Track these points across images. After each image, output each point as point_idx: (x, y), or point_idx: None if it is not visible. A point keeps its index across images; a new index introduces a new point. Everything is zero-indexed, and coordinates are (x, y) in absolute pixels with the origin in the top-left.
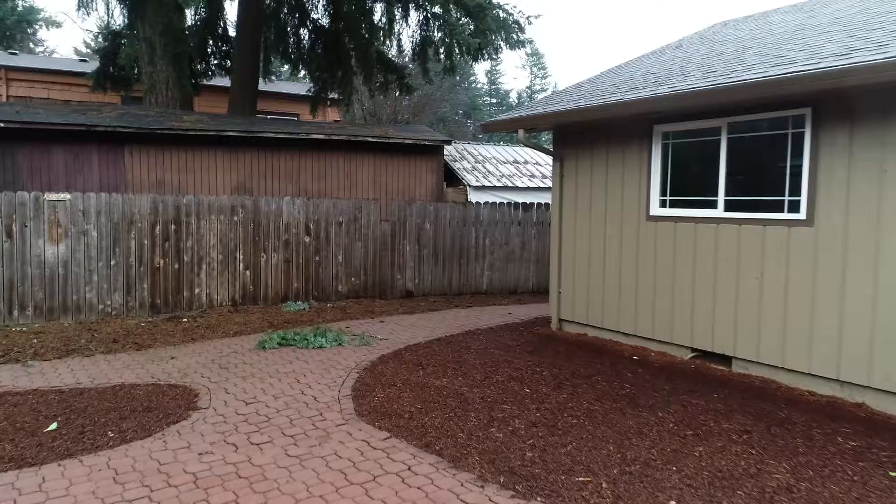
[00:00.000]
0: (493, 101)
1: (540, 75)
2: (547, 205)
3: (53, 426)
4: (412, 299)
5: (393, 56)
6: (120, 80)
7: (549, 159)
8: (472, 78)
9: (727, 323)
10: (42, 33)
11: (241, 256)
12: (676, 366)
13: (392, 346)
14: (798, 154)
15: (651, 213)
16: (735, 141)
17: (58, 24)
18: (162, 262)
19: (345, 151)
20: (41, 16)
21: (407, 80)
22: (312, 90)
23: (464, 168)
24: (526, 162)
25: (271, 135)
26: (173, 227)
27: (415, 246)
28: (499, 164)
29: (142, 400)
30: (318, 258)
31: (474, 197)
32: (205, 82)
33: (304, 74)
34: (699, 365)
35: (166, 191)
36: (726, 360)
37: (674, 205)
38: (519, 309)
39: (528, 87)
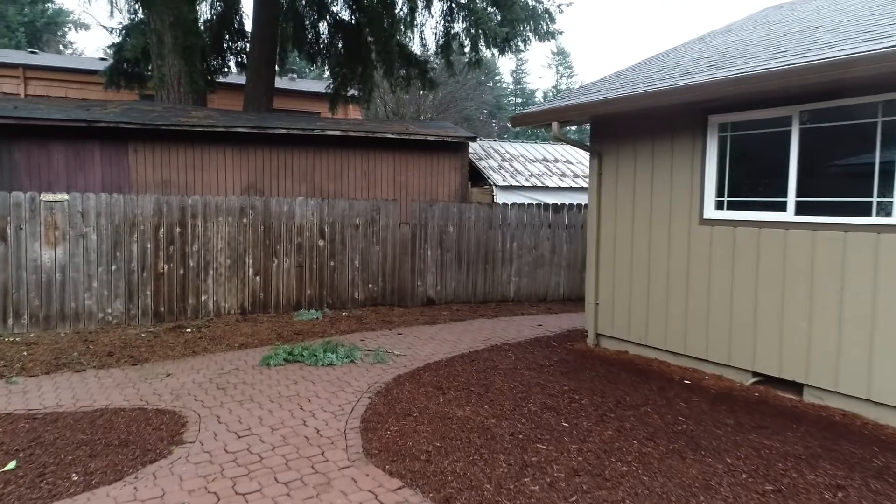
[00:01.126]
0: (519, 100)
1: (566, 74)
2: (579, 206)
3: (11, 465)
4: (433, 308)
5: (415, 51)
6: (134, 77)
7: (583, 157)
8: (497, 77)
9: (798, 345)
10: (71, 35)
11: (251, 261)
12: (736, 393)
13: (410, 364)
14: (891, 147)
15: (705, 216)
16: (809, 132)
17: (86, 27)
18: (166, 267)
19: (362, 149)
20: (70, 18)
21: (430, 74)
22: (331, 87)
23: (489, 166)
24: (556, 160)
25: (283, 131)
26: (178, 229)
27: (437, 250)
28: (527, 163)
29: (121, 430)
30: (332, 263)
31: (501, 197)
32: (221, 80)
33: (325, 72)
34: (763, 393)
35: (172, 191)
36: (796, 387)
37: (733, 207)
38: (549, 319)
39: (553, 87)
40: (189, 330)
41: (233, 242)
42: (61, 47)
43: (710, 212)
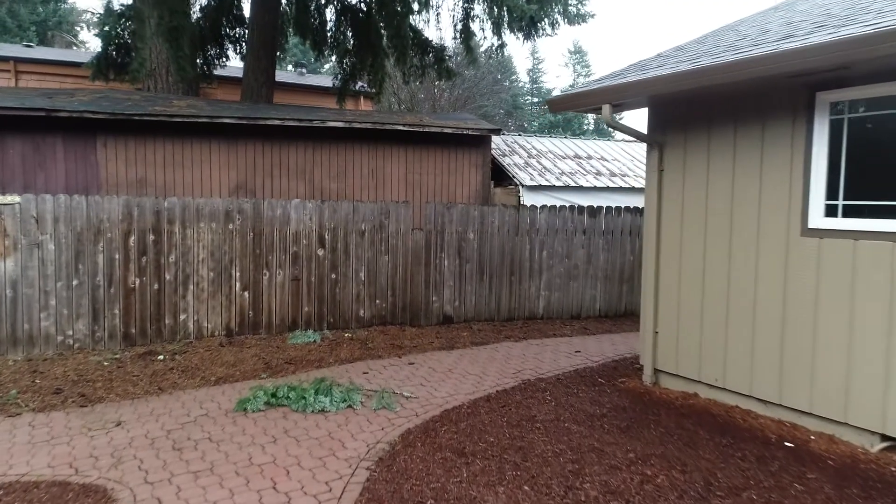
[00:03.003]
0: (535, 99)
1: (583, 73)
2: (618, 209)
3: None
4: (451, 327)
5: (431, 38)
6: (123, 67)
7: (619, 153)
8: (513, 77)
9: None
10: (84, 35)
11: (238, 274)
12: (864, 465)
13: (423, 412)
14: None
15: (810, 225)
16: None
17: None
18: (137, 281)
19: (369, 143)
20: (83, 17)
21: (447, 62)
22: (339, 78)
23: (515, 164)
24: (588, 157)
25: (278, 122)
26: (152, 237)
27: (455, 260)
28: (557, 160)
29: None
30: (334, 276)
31: (528, 199)
32: (224, 74)
33: (335, 64)
34: None
35: (149, 191)
36: None
37: (851, 213)
38: (588, 343)
39: (570, 86)
40: (161, 357)
41: (217, 252)
42: (74, 46)
43: (818, 219)
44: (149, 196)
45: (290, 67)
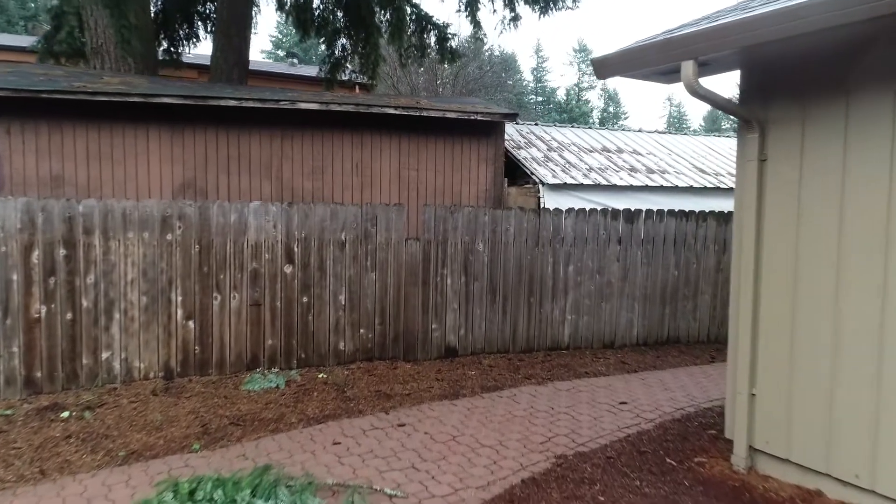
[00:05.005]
0: (539, 98)
1: (588, 72)
2: (659, 213)
3: None
4: (455, 363)
5: (432, 14)
6: (73, 48)
7: (655, 146)
8: (518, 76)
9: None
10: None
11: (180, 298)
12: None
13: None
14: None
15: None
16: None
17: None
18: (44, 309)
19: (354, 132)
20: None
21: (450, 41)
22: (327, 63)
23: (532, 158)
24: (620, 150)
25: (234, 103)
26: (63, 251)
27: (460, 277)
28: (583, 153)
29: None
30: (306, 299)
31: (550, 200)
32: (199, 61)
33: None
34: None
35: (68, 191)
36: None
37: None
38: (633, 386)
39: (575, 85)
40: (66, 414)
41: (151, 271)
42: None
43: None
44: (66, 197)
45: (285, 59)
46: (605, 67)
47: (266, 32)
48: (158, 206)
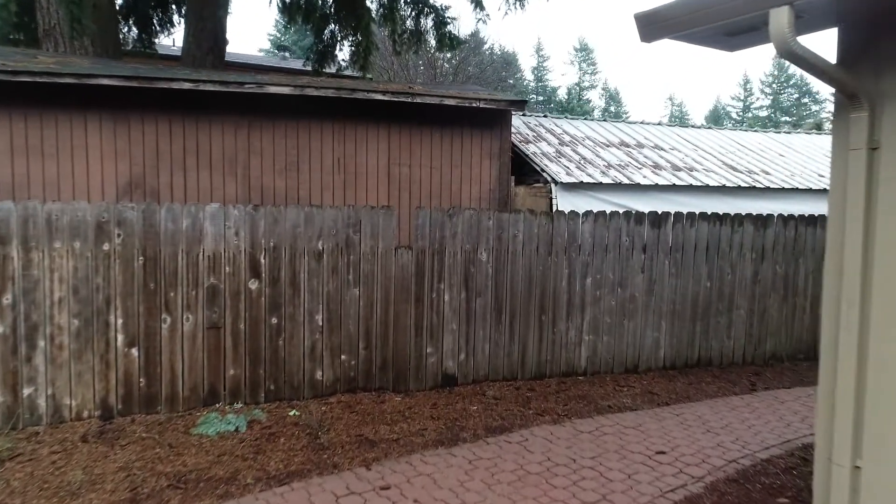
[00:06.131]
0: (540, 98)
1: (589, 71)
2: (690, 216)
3: None
4: (454, 395)
5: None
6: (28, 31)
7: (677, 140)
8: (518, 75)
9: None
10: None
11: (121, 321)
12: None
13: None
14: None
15: None
16: None
17: None
18: None
19: (335, 121)
20: None
21: (449, 25)
22: (314, 52)
23: (543, 153)
24: (640, 145)
25: (189, 86)
26: None
27: (460, 292)
28: (599, 148)
29: None
30: (275, 320)
31: (564, 202)
32: (177, 52)
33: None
34: None
35: None
36: None
37: None
38: (669, 426)
39: (576, 84)
40: None
41: (84, 288)
42: None
43: None
44: None
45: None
46: (654, 25)
47: (265, 31)
48: (93, 210)
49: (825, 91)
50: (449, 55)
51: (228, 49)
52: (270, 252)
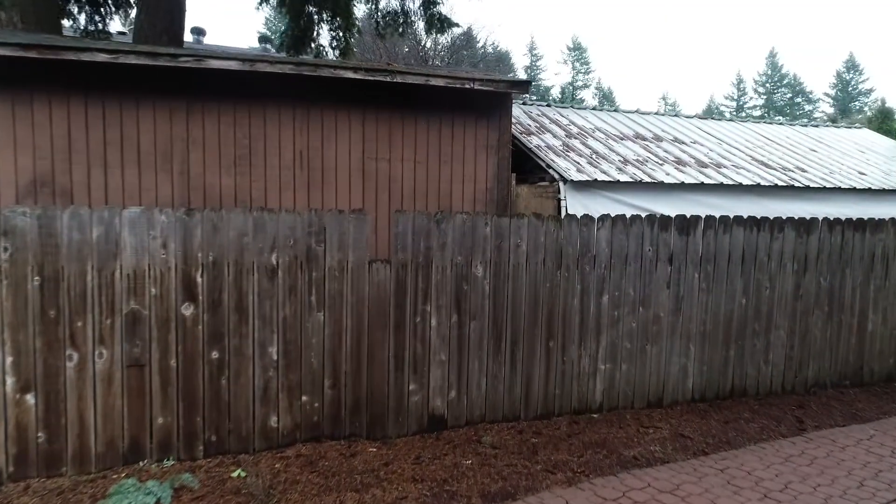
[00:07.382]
0: (534, 97)
1: (582, 70)
2: (722, 221)
3: None
4: (443, 442)
5: None
6: None
7: (698, 132)
8: (511, 74)
9: None
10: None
11: (10, 359)
12: None
13: None
14: None
15: None
16: None
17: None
18: None
19: (298, 106)
20: None
21: (438, 6)
22: (289, 35)
23: (548, 146)
24: (658, 138)
25: (106, 58)
26: None
27: (450, 315)
28: (612, 141)
29: None
30: (216, 354)
31: (574, 203)
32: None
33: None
34: None
35: None
36: None
37: None
38: (717, 489)
39: (570, 83)
40: None
41: None
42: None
43: None
44: None
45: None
46: None
47: (254, 28)
48: None
49: (818, 90)
50: (440, 45)
51: (207, 41)
52: (209, 268)
